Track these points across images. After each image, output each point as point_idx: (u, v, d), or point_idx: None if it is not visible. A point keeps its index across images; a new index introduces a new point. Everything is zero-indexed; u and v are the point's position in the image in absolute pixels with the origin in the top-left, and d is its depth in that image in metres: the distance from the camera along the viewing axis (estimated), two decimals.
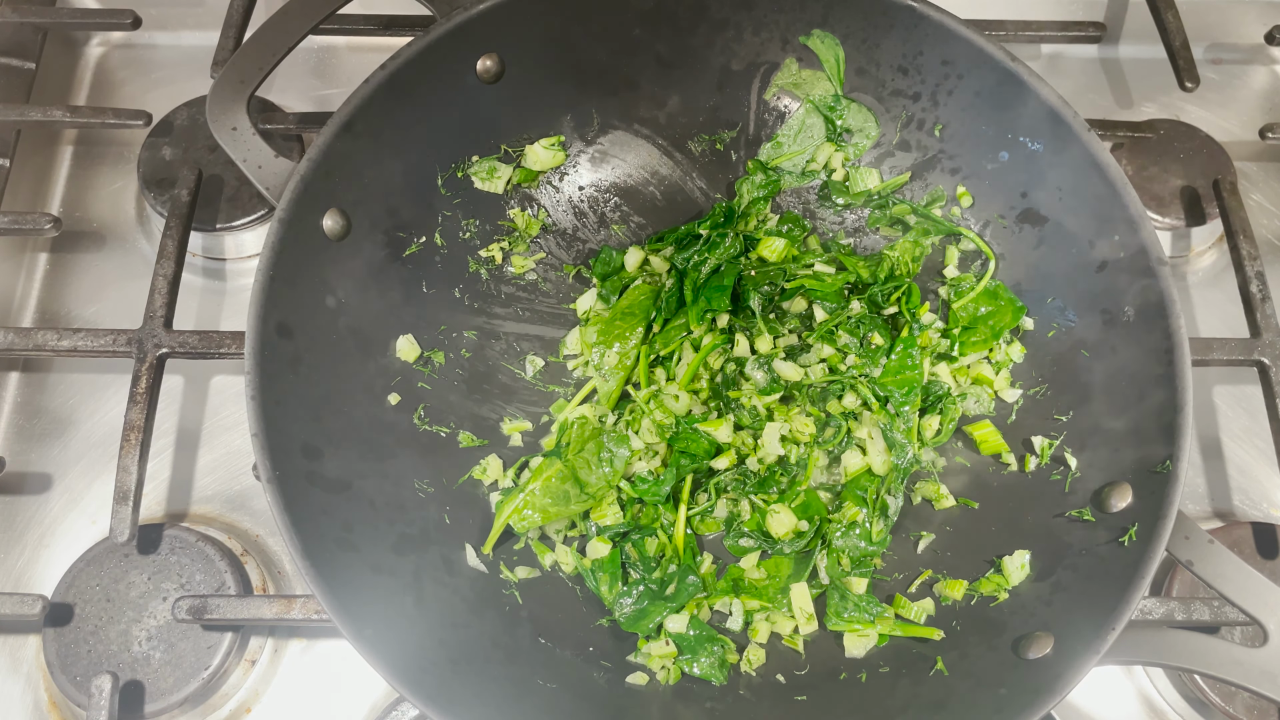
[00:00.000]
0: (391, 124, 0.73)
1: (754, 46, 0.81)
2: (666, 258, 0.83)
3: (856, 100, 0.82)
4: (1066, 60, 1.06)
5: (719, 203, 0.85)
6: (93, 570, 0.75)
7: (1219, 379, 0.88)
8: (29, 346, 0.80)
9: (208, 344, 0.78)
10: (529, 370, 0.81)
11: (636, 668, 0.71)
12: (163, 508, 0.81)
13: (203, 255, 0.91)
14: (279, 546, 0.80)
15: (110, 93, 1.02)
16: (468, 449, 0.77)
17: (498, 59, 0.76)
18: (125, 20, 0.96)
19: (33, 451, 0.84)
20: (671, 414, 0.76)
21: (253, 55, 0.70)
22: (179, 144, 0.93)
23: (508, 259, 0.83)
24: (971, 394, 0.79)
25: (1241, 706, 0.73)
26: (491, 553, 0.73)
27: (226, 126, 0.69)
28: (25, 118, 0.91)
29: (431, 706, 0.59)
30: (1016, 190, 0.77)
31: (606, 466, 0.74)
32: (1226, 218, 0.89)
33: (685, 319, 0.80)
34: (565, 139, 0.83)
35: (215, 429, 0.85)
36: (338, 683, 0.75)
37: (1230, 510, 0.83)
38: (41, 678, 0.75)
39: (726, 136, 0.85)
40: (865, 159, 0.84)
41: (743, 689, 0.71)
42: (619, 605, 0.73)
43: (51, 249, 0.92)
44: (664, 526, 0.75)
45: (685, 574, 0.73)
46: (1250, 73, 1.06)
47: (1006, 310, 0.78)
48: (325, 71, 1.03)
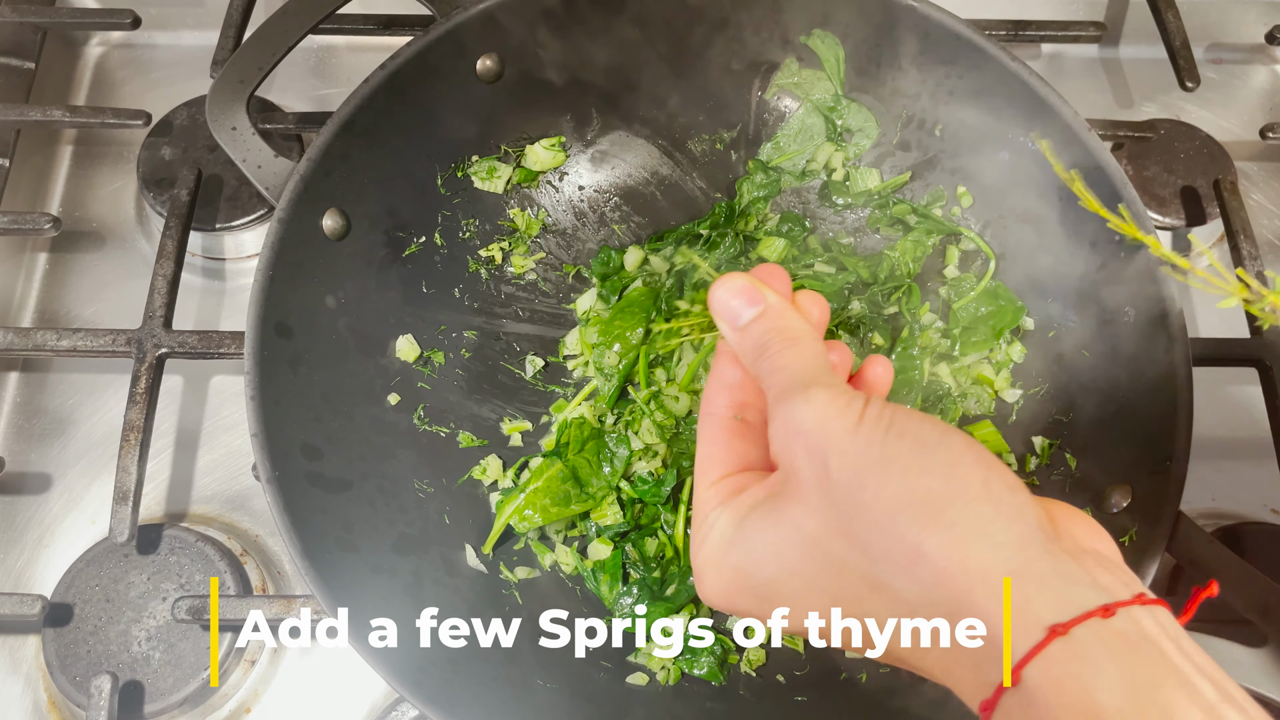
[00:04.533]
0: (391, 124, 0.73)
1: (754, 46, 0.81)
2: (666, 258, 0.83)
3: (856, 100, 0.82)
4: (1066, 60, 1.06)
5: (719, 203, 0.85)
6: (92, 570, 0.75)
7: (1219, 379, 0.88)
8: (28, 346, 0.80)
9: (207, 344, 0.78)
10: (529, 370, 0.81)
11: (636, 668, 0.71)
12: (162, 508, 0.81)
13: (202, 255, 0.91)
14: (279, 546, 0.80)
15: (110, 93, 1.02)
16: (468, 449, 0.77)
17: (498, 59, 0.76)
18: (125, 20, 0.96)
19: (32, 451, 0.84)
20: (671, 414, 0.76)
21: (252, 55, 0.70)
22: (179, 144, 0.93)
23: (508, 259, 0.83)
24: (971, 394, 0.79)
25: None
26: (491, 553, 0.73)
27: (226, 126, 0.69)
28: (25, 118, 0.91)
29: (431, 707, 0.59)
30: (1016, 190, 0.77)
31: (606, 467, 0.74)
32: (1226, 218, 0.89)
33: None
34: (565, 139, 0.83)
35: (215, 429, 0.84)
36: (338, 683, 0.75)
37: (1230, 510, 0.83)
38: (41, 678, 0.75)
39: (726, 136, 0.85)
40: (865, 159, 0.84)
41: (742, 689, 0.71)
42: (619, 605, 0.73)
43: (51, 249, 0.92)
44: (664, 527, 0.75)
45: (685, 574, 0.73)
46: (1250, 73, 1.06)
47: (1006, 310, 0.78)
48: (325, 71, 1.03)
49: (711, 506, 0.48)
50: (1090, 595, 0.37)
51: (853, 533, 0.41)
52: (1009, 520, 0.39)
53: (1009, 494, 0.40)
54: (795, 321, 0.49)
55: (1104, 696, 0.35)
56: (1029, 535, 0.39)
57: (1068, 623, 0.36)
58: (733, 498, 0.48)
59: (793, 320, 0.49)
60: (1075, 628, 0.36)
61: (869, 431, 0.42)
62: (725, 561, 0.46)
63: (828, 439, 0.42)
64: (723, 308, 0.50)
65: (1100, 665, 0.35)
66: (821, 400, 0.43)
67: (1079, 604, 0.37)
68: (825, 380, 0.45)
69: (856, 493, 0.41)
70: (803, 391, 0.44)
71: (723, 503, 0.48)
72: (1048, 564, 0.38)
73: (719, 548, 0.46)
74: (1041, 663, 0.36)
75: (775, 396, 0.45)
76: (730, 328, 0.50)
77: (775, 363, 0.47)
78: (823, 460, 0.42)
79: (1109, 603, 0.37)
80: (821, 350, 0.48)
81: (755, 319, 0.49)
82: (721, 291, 0.50)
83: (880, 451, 0.41)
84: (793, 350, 0.47)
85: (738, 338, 0.49)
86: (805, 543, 0.43)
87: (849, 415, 0.42)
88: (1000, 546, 0.39)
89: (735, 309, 0.49)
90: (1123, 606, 0.37)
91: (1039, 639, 0.36)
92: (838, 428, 0.42)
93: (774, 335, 0.48)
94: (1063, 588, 0.38)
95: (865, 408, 0.43)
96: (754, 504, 0.46)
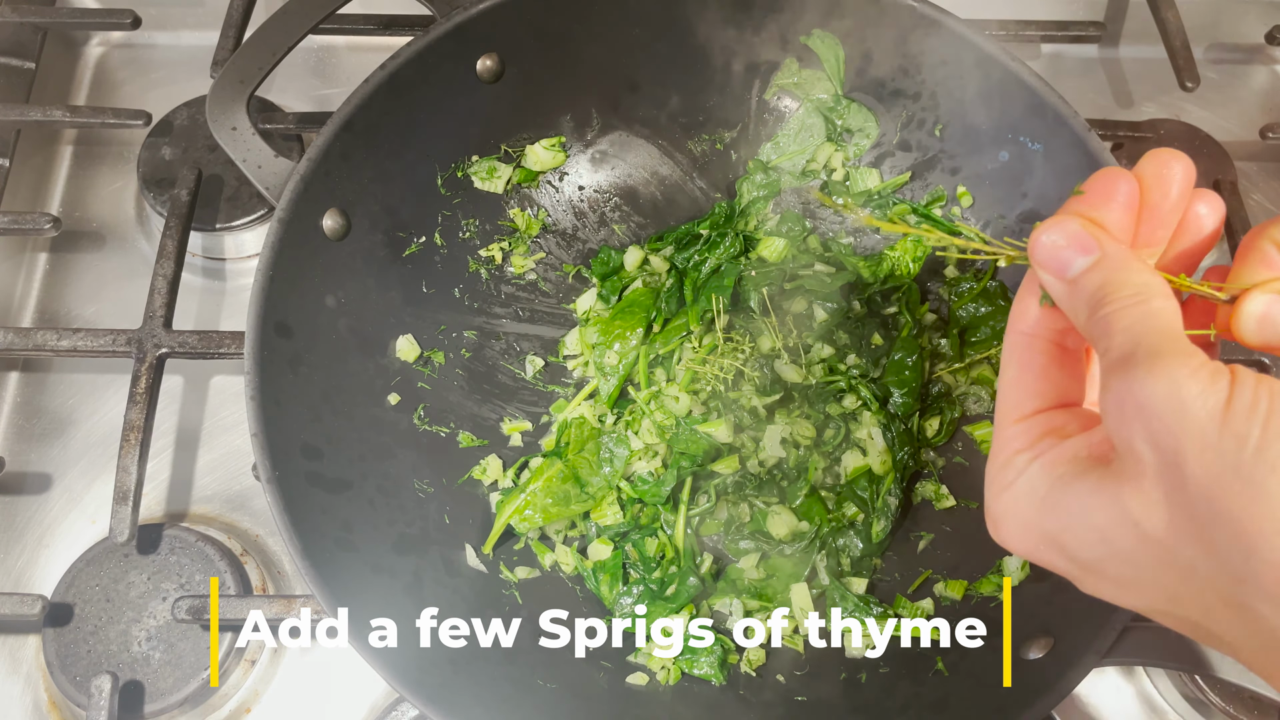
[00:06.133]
0: (391, 124, 0.73)
1: (754, 46, 0.81)
2: (666, 258, 0.83)
3: (856, 100, 0.82)
4: (1066, 60, 1.06)
5: (719, 202, 0.85)
6: (92, 570, 0.75)
7: None
8: (29, 346, 0.80)
9: (207, 344, 0.78)
10: (529, 370, 0.81)
11: (636, 668, 0.71)
12: (162, 508, 0.81)
13: (202, 255, 0.91)
14: (279, 546, 0.80)
15: (110, 92, 1.02)
16: (468, 449, 0.77)
17: (498, 59, 0.76)
18: (125, 20, 0.96)
19: (32, 451, 0.84)
20: (671, 415, 0.76)
21: (252, 55, 0.70)
22: (179, 144, 0.93)
23: (508, 259, 0.83)
24: (971, 394, 0.79)
25: (1241, 706, 0.73)
26: (491, 553, 0.73)
27: (226, 126, 0.69)
28: (25, 117, 0.91)
29: (431, 707, 0.59)
30: (1016, 190, 0.77)
31: (606, 467, 0.74)
32: (1227, 218, 0.89)
33: (685, 319, 0.80)
34: (565, 139, 0.83)
35: (215, 429, 0.84)
36: (337, 683, 0.75)
37: None
38: (41, 678, 0.75)
39: (726, 136, 0.85)
40: (865, 159, 0.84)
41: (743, 689, 0.71)
42: (619, 605, 0.73)
43: (51, 249, 0.92)
44: (664, 527, 0.75)
45: (685, 574, 0.73)
46: (1250, 73, 1.06)
47: (1006, 310, 0.78)
48: (325, 71, 1.03)
49: (1018, 448, 0.42)
50: None
51: (1210, 542, 0.35)
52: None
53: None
54: (1140, 274, 0.40)
55: None
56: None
57: None
58: (1046, 442, 0.42)
59: (1137, 273, 0.40)
60: None
61: (1240, 424, 0.34)
62: (1037, 523, 0.41)
63: (1185, 426, 0.35)
64: (1047, 257, 0.41)
65: None
66: (1178, 376, 0.35)
67: None
68: (1180, 349, 0.37)
69: (1220, 499, 0.34)
70: (1152, 362, 0.36)
71: (1033, 446, 0.42)
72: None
73: (1029, 504, 0.41)
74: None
75: (1112, 363, 0.38)
76: (1057, 279, 0.42)
77: (1114, 323, 0.39)
78: (1175, 451, 0.35)
79: None
80: (1175, 311, 0.39)
81: (1089, 269, 0.41)
82: (1047, 236, 0.42)
83: (1256, 452, 0.34)
84: (1137, 309, 0.39)
85: (1066, 291, 0.41)
86: (1142, 537, 0.37)
87: (1212, 398, 0.35)
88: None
89: (1064, 258, 0.41)
90: None
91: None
92: (1199, 413, 0.35)
93: (1113, 290, 0.40)
94: None
95: (1233, 388, 0.35)
96: (1074, 462, 0.40)
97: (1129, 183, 0.42)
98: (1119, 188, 0.42)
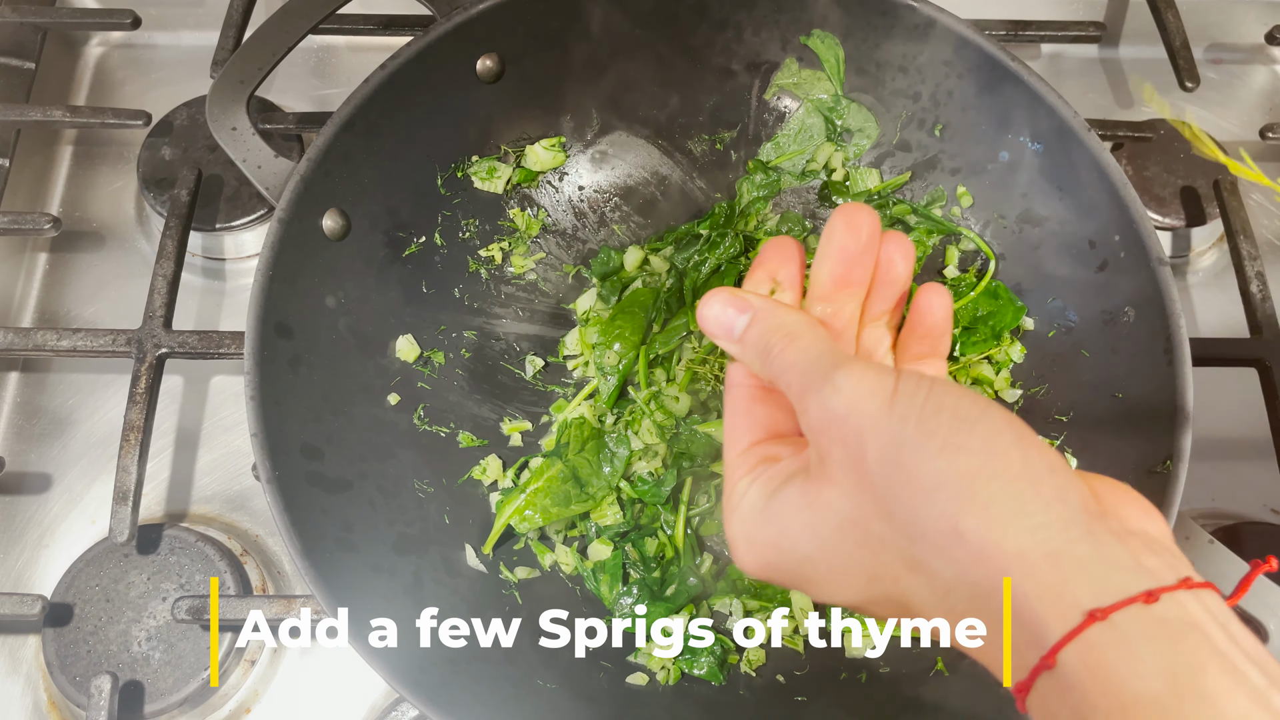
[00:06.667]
0: (391, 124, 0.73)
1: (754, 46, 0.81)
2: (666, 258, 0.83)
3: (856, 100, 0.82)
4: (1066, 60, 1.06)
5: (719, 203, 0.85)
6: (92, 570, 0.75)
7: (1219, 379, 0.88)
8: (28, 346, 0.80)
9: (207, 344, 0.78)
10: (529, 370, 0.81)
11: (636, 668, 0.71)
12: (162, 508, 0.81)
13: (202, 255, 0.91)
14: (279, 546, 0.80)
15: (110, 93, 1.02)
16: (468, 449, 0.77)
17: (498, 59, 0.76)
18: (125, 20, 0.96)
19: (32, 451, 0.84)
20: (671, 415, 0.76)
21: (252, 55, 0.70)
22: (179, 144, 0.93)
23: (508, 259, 0.83)
24: None
25: None
26: (491, 553, 0.73)
27: (226, 126, 0.69)
28: (25, 118, 0.91)
29: (431, 707, 0.59)
30: (1016, 190, 0.77)
31: (606, 467, 0.74)
32: (1226, 218, 0.89)
33: (685, 319, 0.80)
34: (565, 139, 0.83)
35: (215, 429, 0.85)
36: (337, 683, 0.75)
37: (1230, 510, 0.83)
38: (41, 678, 0.75)
39: (726, 136, 0.85)
40: (865, 159, 0.84)
41: (742, 689, 0.71)
42: (619, 605, 0.73)
43: (51, 249, 0.92)
44: (664, 527, 0.75)
45: (685, 574, 0.73)
46: (1250, 73, 1.06)
47: (1006, 310, 0.78)
48: (325, 71, 1.03)
49: (740, 475, 0.48)
50: (1133, 579, 0.36)
51: (890, 512, 0.40)
52: (1049, 500, 0.38)
53: (1049, 473, 0.39)
54: (787, 316, 0.48)
55: (1142, 683, 0.34)
56: (1070, 516, 0.38)
57: (1107, 608, 0.35)
58: (763, 466, 0.47)
59: (784, 316, 0.48)
60: (1116, 613, 0.35)
61: (904, 406, 0.40)
62: (759, 535, 0.46)
63: (863, 419, 0.41)
64: (715, 326, 0.49)
65: (1140, 651, 0.35)
66: (849, 383, 0.42)
67: (1120, 589, 0.36)
68: (843, 361, 0.43)
69: (893, 471, 0.40)
70: (826, 380, 0.42)
71: (751, 471, 0.47)
72: (1089, 547, 0.37)
73: (751, 520, 0.46)
74: (1078, 647, 0.36)
75: (797, 394, 0.44)
76: (729, 341, 0.49)
77: (782, 362, 0.46)
78: (859, 441, 0.41)
79: (1153, 588, 0.36)
80: (825, 336, 0.47)
81: (748, 326, 0.48)
82: (707, 310, 0.49)
83: (916, 427, 0.39)
84: (795, 345, 0.46)
85: (739, 350, 0.49)
86: (841, 523, 0.42)
87: (881, 392, 0.41)
88: (1039, 528, 0.38)
89: (727, 322, 0.49)
90: (1167, 592, 0.36)
91: (1076, 623, 0.36)
92: (871, 406, 0.41)
93: (770, 336, 0.47)
94: (1103, 571, 0.37)
95: (899, 381, 0.41)
96: (786, 477, 0.45)
97: (792, 243, 0.52)
98: (786, 247, 0.51)
